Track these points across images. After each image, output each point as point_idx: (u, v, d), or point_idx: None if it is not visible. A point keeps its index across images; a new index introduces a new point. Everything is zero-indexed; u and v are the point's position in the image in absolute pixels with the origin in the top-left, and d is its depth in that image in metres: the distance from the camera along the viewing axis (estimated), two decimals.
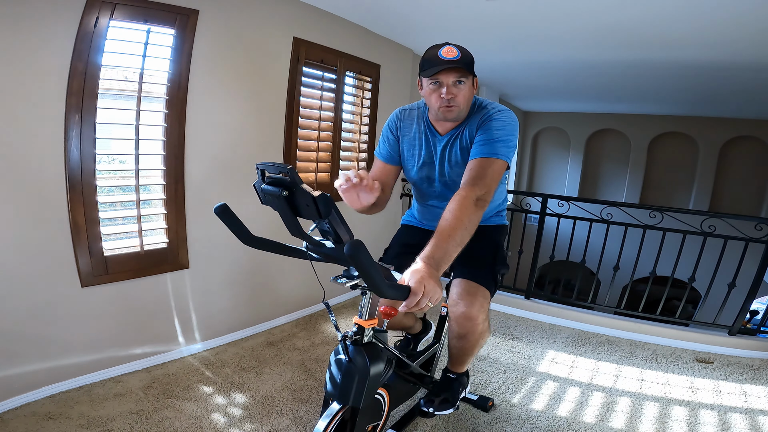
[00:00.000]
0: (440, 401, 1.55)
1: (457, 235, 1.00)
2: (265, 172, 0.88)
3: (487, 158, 1.19)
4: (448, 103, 1.24)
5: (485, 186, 1.13)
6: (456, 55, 1.19)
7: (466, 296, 1.34)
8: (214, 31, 2.07)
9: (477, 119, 1.30)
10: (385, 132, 1.46)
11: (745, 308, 2.59)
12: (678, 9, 2.23)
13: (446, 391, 1.58)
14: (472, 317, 1.35)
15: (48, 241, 1.71)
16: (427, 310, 0.87)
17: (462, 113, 1.29)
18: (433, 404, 1.54)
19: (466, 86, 1.23)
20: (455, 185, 1.38)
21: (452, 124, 1.34)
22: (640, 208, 2.94)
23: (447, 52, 1.19)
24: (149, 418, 1.69)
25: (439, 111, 1.27)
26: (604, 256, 3.00)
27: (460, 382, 1.62)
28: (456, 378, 1.61)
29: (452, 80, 1.21)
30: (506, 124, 1.24)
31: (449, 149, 1.37)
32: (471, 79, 1.24)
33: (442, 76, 1.21)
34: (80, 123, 1.70)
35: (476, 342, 1.45)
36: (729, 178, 6.93)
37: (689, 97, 5.08)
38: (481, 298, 1.35)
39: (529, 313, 3.08)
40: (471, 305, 1.33)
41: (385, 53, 3.23)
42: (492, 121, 1.25)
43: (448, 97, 1.22)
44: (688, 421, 1.86)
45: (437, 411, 1.55)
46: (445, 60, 1.18)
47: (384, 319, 1.27)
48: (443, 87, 1.22)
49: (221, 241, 2.23)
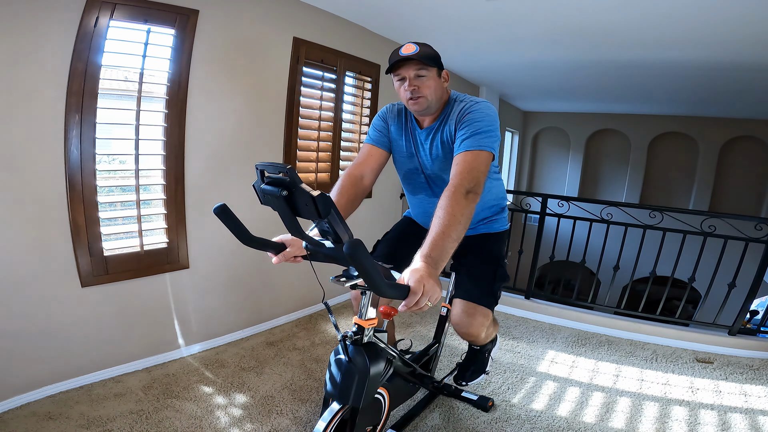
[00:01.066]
0: (471, 373, 1.74)
1: (452, 231, 1.01)
2: (265, 172, 0.88)
3: (472, 151, 1.20)
4: (412, 95, 1.29)
5: (474, 179, 1.15)
6: (414, 50, 1.24)
7: (466, 317, 1.45)
8: (214, 31, 2.07)
9: (456, 114, 1.32)
10: (375, 120, 1.50)
11: (745, 308, 2.59)
12: (678, 9, 2.23)
13: (474, 363, 1.75)
14: (472, 334, 1.48)
15: (48, 241, 1.71)
16: (427, 309, 0.87)
17: (432, 105, 1.32)
18: (465, 377, 1.72)
19: (428, 78, 1.28)
20: (439, 179, 1.44)
21: (431, 118, 1.38)
22: (640, 208, 2.93)
23: (406, 48, 1.25)
24: (149, 418, 1.69)
25: (408, 105, 1.33)
26: (604, 256, 3.00)
27: (486, 349, 1.75)
28: (480, 349, 1.73)
29: (413, 73, 1.26)
30: (485, 115, 1.26)
31: (430, 143, 1.40)
32: (434, 71, 1.28)
33: (402, 71, 1.27)
34: (80, 123, 1.70)
35: (484, 342, 1.63)
36: (729, 178, 6.93)
37: (689, 97, 5.08)
38: (480, 317, 1.45)
39: (529, 313, 3.08)
40: (470, 325, 1.45)
41: (385, 53, 3.23)
42: (471, 113, 1.28)
43: (410, 89, 1.28)
44: (688, 421, 1.86)
45: (470, 381, 1.75)
46: (403, 56, 1.24)
47: (384, 319, 1.27)
48: (406, 81, 1.28)
49: (221, 241, 2.23)
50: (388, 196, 3.60)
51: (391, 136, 1.47)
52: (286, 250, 1.10)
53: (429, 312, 2.98)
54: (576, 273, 3.25)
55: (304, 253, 1.09)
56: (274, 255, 1.09)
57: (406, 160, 1.48)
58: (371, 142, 1.46)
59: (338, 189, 1.31)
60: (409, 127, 1.44)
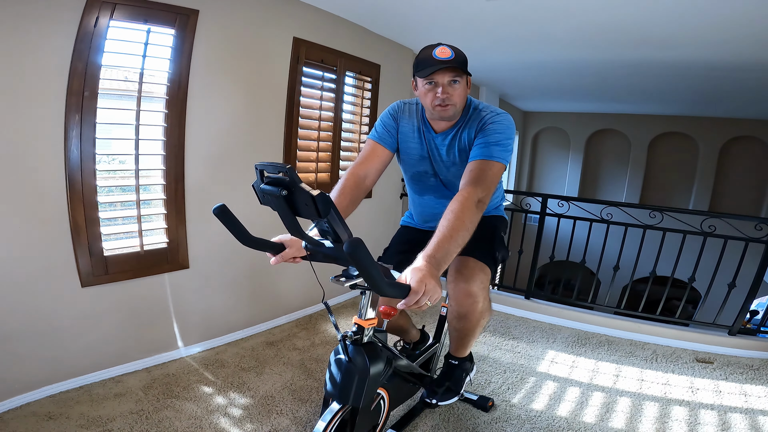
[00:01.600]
0: (443, 391, 1.56)
1: (458, 235, 1.01)
2: (264, 172, 0.88)
3: (487, 161, 1.20)
4: (444, 102, 1.25)
5: (486, 188, 1.15)
6: (450, 55, 1.21)
7: (465, 270, 1.35)
8: (214, 31, 2.07)
9: (475, 122, 1.31)
10: (384, 117, 1.43)
11: (745, 308, 2.59)
12: (678, 8, 2.23)
13: (449, 379, 1.59)
14: (471, 293, 1.34)
15: (48, 241, 1.71)
16: (426, 308, 0.87)
17: (457, 112, 1.31)
18: (437, 395, 1.56)
19: (460, 85, 1.26)
20: (450, 184, 1.42)
21: (447, 123, 1.35)
22: (640, 208, 2.93)
23: (441, 52, 1.21)
24: (149, 418, 1.69)
25: (435, 110, 1.29)
26: (604, 256, 3.00)
27: (463, 368, 1.62)
28: (458, 364, 1.61)
29: (447, 80, 1.23)
30: (505, 128, 1.27)
31: (446, 149, 1.38)
32: (465, 78, 1.27)
33: (437, 76, 1.23)
34: (80, 123, 1.70)
35: (477, 322, 1.43)
36: (729, 178, 6.93)
37: (689, 97, 5.08)
38: (480, 273, 1.35)
39: (529, 313, 3.08)
40: (470, 281, 1.33)
41: (385, 53, 3.24)
42: (492, 124, 1.27)
43: (443, 96, 1.24)
44: (688, 421, 1.86)
45: (440, 401, 1.56)
46: (439, 60, 1.20)
47: (384, 319, 1.27)
48: (439, 87, 1.24)
49: (221, 241, 2.23)
50: (388, 196, 3.60)
51: (400, 136, 1.43)
52: (285, 251, 1.10)
53: (429, 312, 2.98)
54: (576, 273, 3.25)
55: (303, 254, 1.09)
56: (273, 255, 1.09)
57: (416, 162, 1.44)
58: (377, 139, 1.40)
59: (341, 189, 1.27)
60: (424, 130, 1.40)
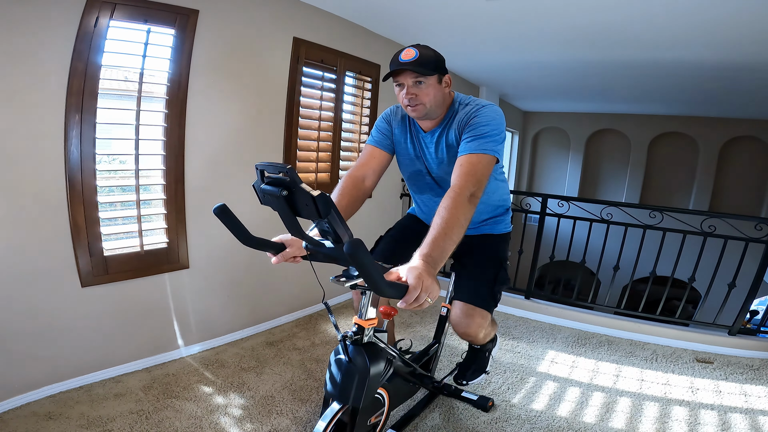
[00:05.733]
0: (472, 372, 1.74)
1: (453, 233, 1.01)
2: (265, 172, 0.88)
3: (476, 154, 1.20)
4: (411, 103, 1.27)
5: (476, 182, 1.15)
6: (413, 56, 1.21)
7: (465, 319, 1.45)
8: (214, 31, 2.07)
9: (462, 117, 1.31)
10: (378, 122, 1.49)
11: (745, 308, 2.59)
12: (678, 8, 2.23)
13: (474, 362, 1.75)
14: (470, 334, 1.49)
15: (48, 241, 1.71)
16: (426, 306, 0.87)
17: (432, 111, 1.31)
18: (466, 377, 1.72)
19: (426, 85, 1.25)
20: (443, 181, 1.44)
21: (433, 122, 1.37)
22: (640, 208, 2.93)
23: (406, 54, 1.23)
24: (149, 418, 1.69)
25: (406, 111, 1.32)
26: (604, 256, 3.00)
27: (486, 348, 1.75)
28: (480, 348, 1.73)
29: (411, 81, 1.24)
30: (491, 119, 1.25)
31: (434, 147, 1.40)
32: (433, 78, 1.26)
33: (401, 78, 1.25)
34: (80, 123, 1.70)
35: (483, 341, 1.62)
36: (729, 178, 6.92)
37: (689, 97, 5.08)
38: (479, 318, 1.45)
39: (529, 313, 3.08)
40: (469, 326, 1.46)
41: (385, 53, 3.23)
42: (476, 117, 1.27)
43: (408, 97, 1.26)
44: (688, 421, 1.86)
45: (470, 381, 1.75)
46: (400, 62, 1.22)
47: (384, 319, 1.27)
48: (404, 88, 1.26)
49: (221, 241, 2.23)
50: (389, 196, 3.60)
51: (395, 138, 1.47)
52: (286, 251, 1.10)
53: (429, 312, 2.98)
54: (576, 273, 3.25)
55: (304, 254, 1.09)
56: (274, 255, 1.09)
57: (411, 162, 1.48)
58: (374, 143, 1.44)
59: (339, 190, 1.30)
60: (413, 130, 1.44)
